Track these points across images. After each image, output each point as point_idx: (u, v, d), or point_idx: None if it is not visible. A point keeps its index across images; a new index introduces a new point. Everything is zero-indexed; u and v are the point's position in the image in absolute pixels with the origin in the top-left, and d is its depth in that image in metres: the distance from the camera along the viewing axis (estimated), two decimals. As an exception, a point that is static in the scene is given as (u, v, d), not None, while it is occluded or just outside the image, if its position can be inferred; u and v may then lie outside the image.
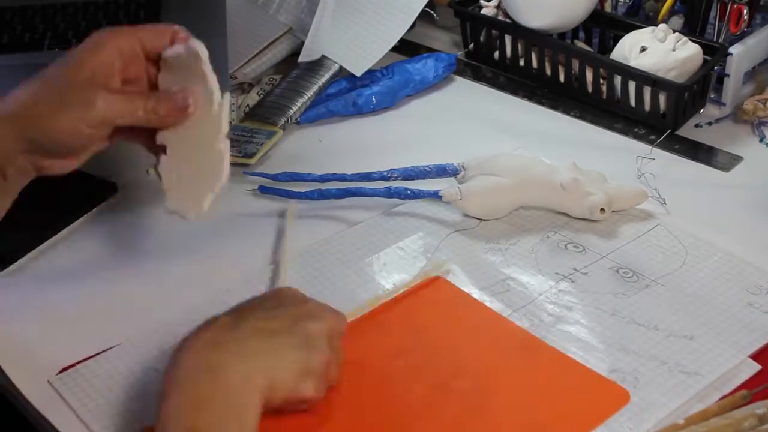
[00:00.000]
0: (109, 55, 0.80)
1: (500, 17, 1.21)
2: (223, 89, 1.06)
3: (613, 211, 0.95)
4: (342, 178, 0.99)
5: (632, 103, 1.11)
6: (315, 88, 1.14)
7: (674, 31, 1.10)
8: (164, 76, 0.84)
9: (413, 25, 1.19)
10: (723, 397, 0.77)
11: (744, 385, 0.78)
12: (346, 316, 0.81)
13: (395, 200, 0.98)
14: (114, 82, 0.80)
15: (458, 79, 1.22)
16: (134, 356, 0.83)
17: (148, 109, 0.80)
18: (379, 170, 0.99)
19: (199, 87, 0.82)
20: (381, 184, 0.98)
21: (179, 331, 0.84)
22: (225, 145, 0.82)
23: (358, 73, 1.16)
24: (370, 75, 1.17)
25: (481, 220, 0.96)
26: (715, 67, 1.10)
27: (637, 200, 0.96)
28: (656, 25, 1.10)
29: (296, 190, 0.99)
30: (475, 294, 0.88)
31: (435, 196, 0.96)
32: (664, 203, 0.96)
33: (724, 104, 1.12)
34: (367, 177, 0.98)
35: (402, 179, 0.99)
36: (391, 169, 0.99)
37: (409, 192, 0.97)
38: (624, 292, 0.87)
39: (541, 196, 0.95)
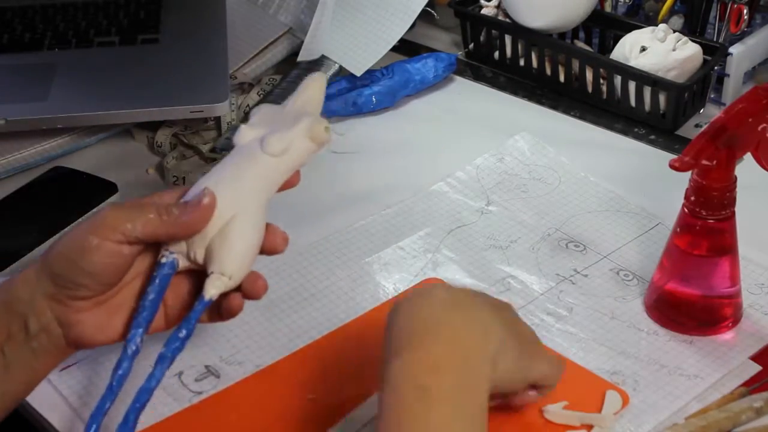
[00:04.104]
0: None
1: (500, 17, 1.21)
2: (223, 89, 1.07)
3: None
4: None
5: (632, 103, 1.11)
6: (315, 88, 1.14)
7: (674, 31, 1.10)
8: None
9: (413, 25, 1.19)
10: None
11: (743, 385, 0.78)
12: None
13: (395, 200, 0.99)
14: None
15: (458, 79, 1.22)
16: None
17: (161, 211, 0.68)
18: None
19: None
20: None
21: (179, 331, 0.85)
22: None
23: (358, 73, 1.16)
24: (370, 75, 1.17)
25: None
26: (715, 67, 1.10)
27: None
28: (656, 25, 1.10)
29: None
30: (475, 293, 0.88)
31: None
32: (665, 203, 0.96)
33: (724, 104, 1.12)
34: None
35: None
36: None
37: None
38: (624, 296, 0.87)
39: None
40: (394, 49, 1.19)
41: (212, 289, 0.69)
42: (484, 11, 1.22)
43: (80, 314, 0.68)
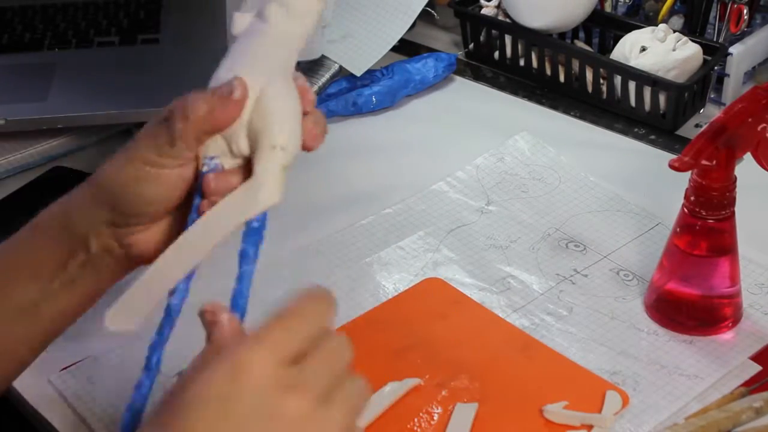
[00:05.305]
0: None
1: (500, 17, 1.21)
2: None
3: None
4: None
5: (632, 103, 1.11)
6: (315, 88, 1.14)
7: (674, 31, 1.10)
8: None
9: (413, 25, 1.19)
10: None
11: (743, 385, 0.78)
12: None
13: (395, 200, 0.99)
14: None
15: (458, 79, 1.22)
16: (135, 355, 0.82)
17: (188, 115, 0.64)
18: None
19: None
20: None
21: (180, 329, 0.84)
22: None
23: (358, 73, 1.16)
24: (370, 75, 1.17)
25: None
26: (715, 67, 1.10)
27: None
28: (656, 25, 1.10)
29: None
30: (475, 292, 0.88)
31: None
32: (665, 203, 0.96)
33: (724, 104, 1.12)
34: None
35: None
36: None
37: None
38: (624, 296, 0.87)
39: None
40: (394, 49, 1.19)
41: (270, 164, 0.62)
42: (484, 11, 1.22)
43: (142, 234, 0.67)
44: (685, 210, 0.81)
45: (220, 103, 0.63)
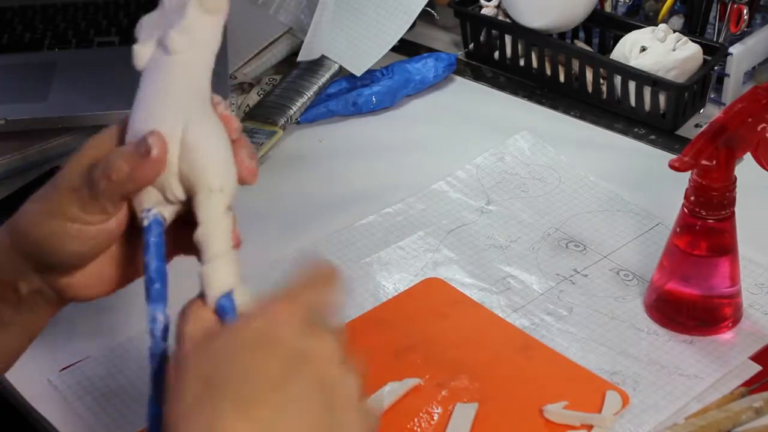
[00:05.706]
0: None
1: (500, 17, 1.21)
2: (223, 89, 1.07)
3: None
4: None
5: (632, 103, 1.11)
6: (315, 88, 1.14)
7: (674, 31, 1.10)
8: None
9: (413, 25, 1.19)
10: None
11: (743, 385, 0.78)
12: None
13: (395, 200, 0.99)
14: None
15: (458, 79, 1.22)
16: (135, 354, 0.83)
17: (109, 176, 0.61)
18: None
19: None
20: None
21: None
22: None
23: (358, 73, 1.16)
24: (370, 75, 1.17)
25: None
26: (715, 67, 1.10)
27: None
28: (656, 25, 1.10)
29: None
30: (475, 292, 0.88)
31: None
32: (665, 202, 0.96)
33: (724, 104, 1.12)
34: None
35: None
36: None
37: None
38: (624, 296, 0.87)
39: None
40: (394, 49, 1.19)
41: (213, 210, 0.60)
42: (484, 11, 1.22)
43: (71, 278, 0.65)
44: (685, 210, 0.81)
45: (140, 163, 0.60)
